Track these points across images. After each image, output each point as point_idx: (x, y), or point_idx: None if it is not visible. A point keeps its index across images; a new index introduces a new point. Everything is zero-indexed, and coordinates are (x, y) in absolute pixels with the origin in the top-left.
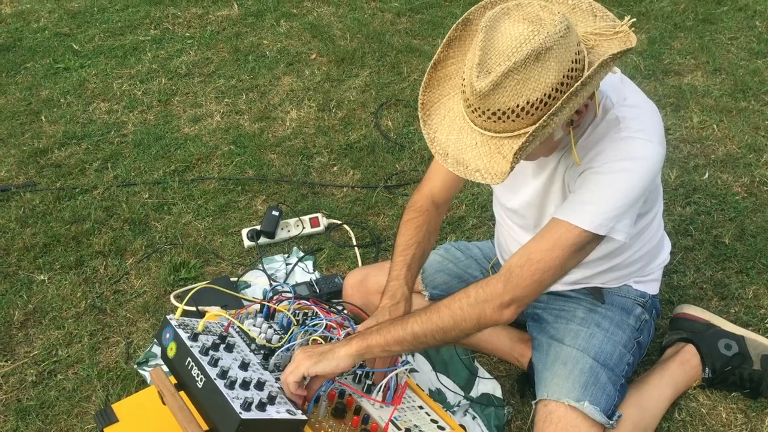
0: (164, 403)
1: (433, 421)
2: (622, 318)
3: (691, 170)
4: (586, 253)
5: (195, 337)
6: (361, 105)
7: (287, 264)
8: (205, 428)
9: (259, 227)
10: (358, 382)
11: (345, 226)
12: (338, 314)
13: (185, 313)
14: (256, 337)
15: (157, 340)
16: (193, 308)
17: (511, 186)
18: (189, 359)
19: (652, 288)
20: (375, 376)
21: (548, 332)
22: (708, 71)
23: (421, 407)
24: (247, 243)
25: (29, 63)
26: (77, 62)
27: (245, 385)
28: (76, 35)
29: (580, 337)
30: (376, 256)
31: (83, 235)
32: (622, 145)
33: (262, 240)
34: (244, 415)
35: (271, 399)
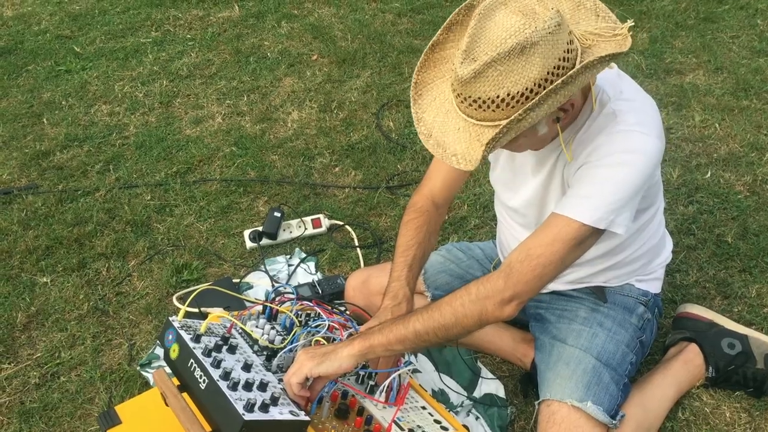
0: (167, 405)
1: (436, 421)
2: (624, 317)
3: (694, 169)
4: (586, 247)
5: (198, 339)
6: (362, 106)
7: (289, 265)
8: (208, 430)
9: (261, 228)
10: (360, 382)
11: (347, 227)
12: (340, 315)
13: (188, 315)
14: (258, 339)
15: (159, 341)
16: (195, 310)
17: (511, 184)
18: (192, 361)
19: (654, 287)
20: (378, 376)
21: (551, 332)
22: (710, 70)
23: (424, 408)
24: (249, 244)
25: (31, 65)
26: (79, 64)
27: (248, 386)
28: (78, 38)
29: (582, 337)
30: (378, 257)
31: (85, 237)
32: (620, 139)
33: (264, 241)
34: (247, 417)
35: (274, 400)
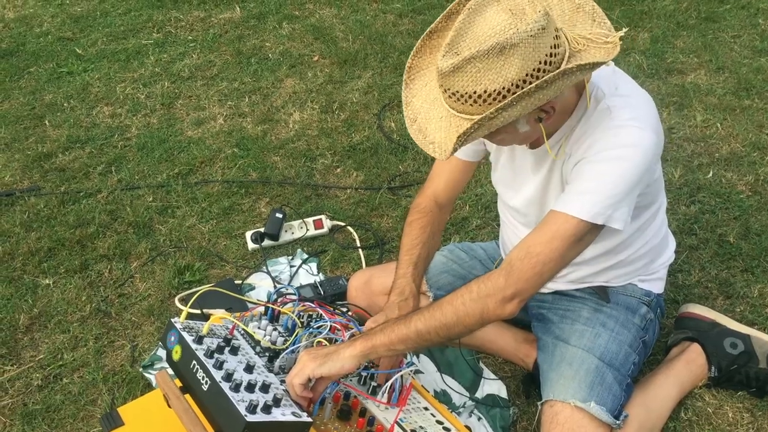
0: (170, 407)
1: (439, 422)
2: (627, 317)
3: (695, 169)
4: (586, 243)
5: (200, 340)
6: (363, 106)
7: (291, 266)
8: (210, 431)
9: (263, 230)
10: (363, 383)
11: (349, 227)
12: (343, 316)
13: (190, 316)
14: (260, 340)
15: (162, 343)
16: (197, 311)
17: (512, 184)
18: (194, 362)
19: (656, 287)
20: (378, 377)
21: (553, 332)
22: (711, 69)
23: (426, 408)
24: (251, 245)
25: (32, 67)
26: (80, 66)
27: (250, 387)
28: (79, 39)
29: (585, 337)
30: (380, 258)
31: (88, 238)
32: (615, 134)
33: (266, 242)
34: (250, 418)
35: (276, 401)
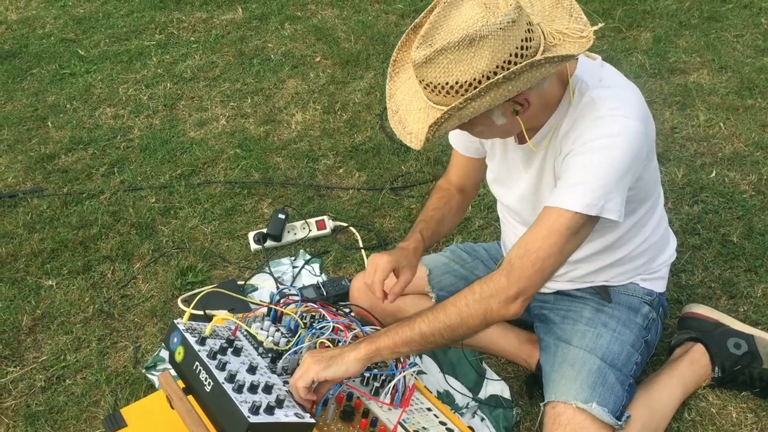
0: (172, 408)
1: (442, 423)
2: (629, 317)
3: (698, 169)
4: (583, 236)
5: (203, 341)
6: (366, 107)
7: (294, 267)
8: None
9: (265, 230)
10: (366, 384)
11: (351, 228)
12: (345, 317)
13: (193, 317)
14: (263, 341)
15: (164, 344)
16: (200, 312)
17: (506, 181)
18: (197, 363)
19: (658, 286)
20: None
21: (555, 333)
22: (714, 69)
23: (429, 409)
24: (253, 246)
25: (35, 69)
26: (83, 68)
27: (253, 388)
28: (82, 41)
29: (587, 338)
30: None
31: (90, 240)
32: (600, 124)
33: (269, 243)
34: (252, 419)
35: (279, 402)
